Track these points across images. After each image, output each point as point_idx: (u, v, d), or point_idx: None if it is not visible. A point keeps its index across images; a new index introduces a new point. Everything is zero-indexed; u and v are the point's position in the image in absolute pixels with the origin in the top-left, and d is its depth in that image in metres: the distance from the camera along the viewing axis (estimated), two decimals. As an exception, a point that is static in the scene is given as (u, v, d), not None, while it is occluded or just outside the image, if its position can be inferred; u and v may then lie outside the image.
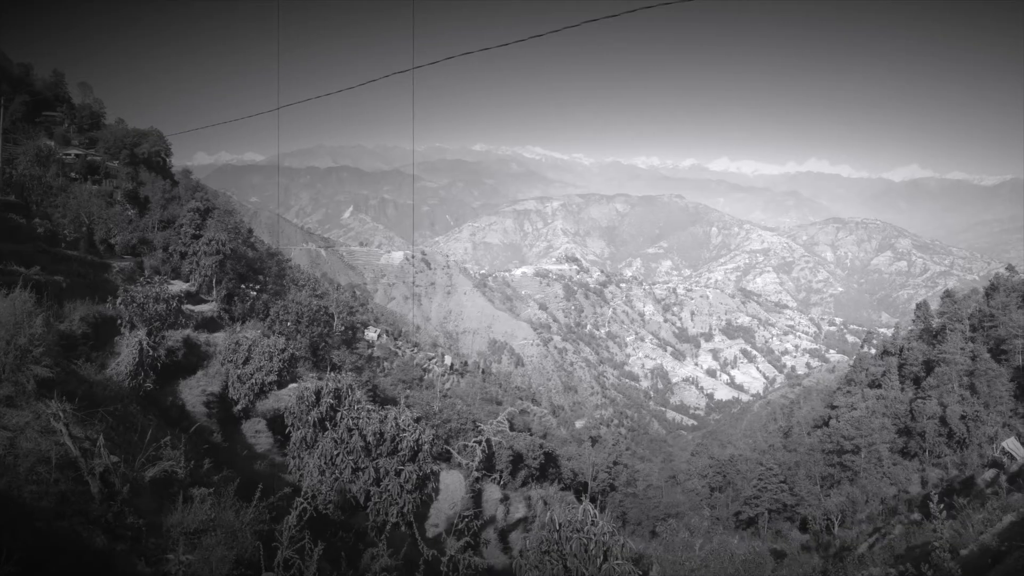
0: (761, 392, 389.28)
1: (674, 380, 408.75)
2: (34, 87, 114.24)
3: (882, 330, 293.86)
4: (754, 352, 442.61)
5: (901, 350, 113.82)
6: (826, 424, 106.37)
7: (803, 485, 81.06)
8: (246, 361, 29.95)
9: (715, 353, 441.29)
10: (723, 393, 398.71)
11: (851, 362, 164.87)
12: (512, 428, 68.45)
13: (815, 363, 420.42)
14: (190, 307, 47.30)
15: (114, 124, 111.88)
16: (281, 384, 30.55)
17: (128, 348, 23.26)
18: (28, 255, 36.49)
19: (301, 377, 34.61)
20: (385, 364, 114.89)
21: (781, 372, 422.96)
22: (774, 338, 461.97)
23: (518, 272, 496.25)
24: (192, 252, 64.43)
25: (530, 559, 13.71)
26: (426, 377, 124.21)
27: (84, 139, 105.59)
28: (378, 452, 20.08)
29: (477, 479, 33.97)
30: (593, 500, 16.16)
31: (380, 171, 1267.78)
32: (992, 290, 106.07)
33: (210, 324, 45.15)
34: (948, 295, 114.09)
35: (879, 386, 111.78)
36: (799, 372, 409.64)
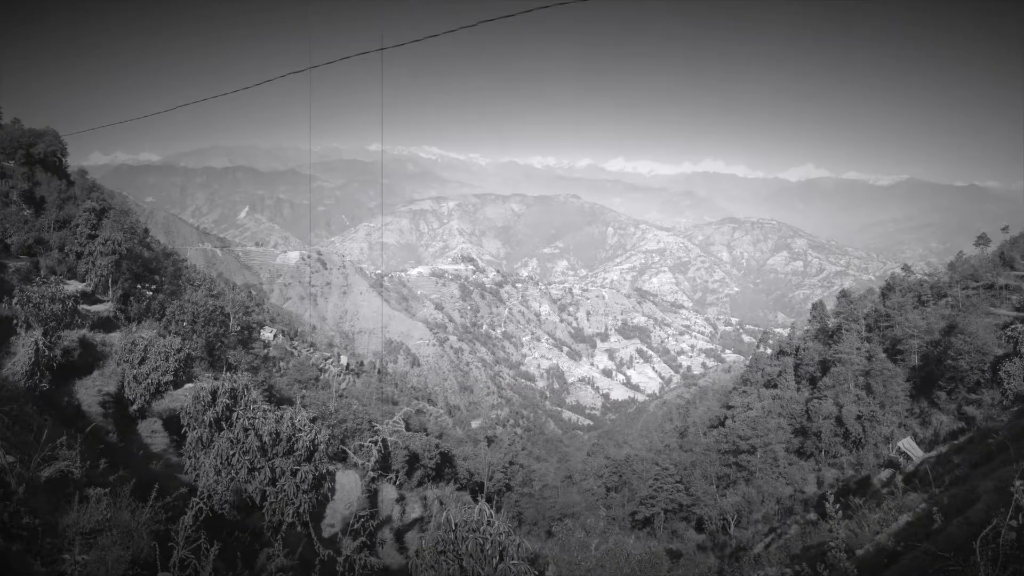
0: (657, 392, 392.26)
1: (570, 380, 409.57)
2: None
3: (778, 330, 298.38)
4: (650, 352, 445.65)
5: (797, 350, 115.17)
6: (722, 424, 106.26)
7: (699, 485, 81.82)
8: (142, 361, 29.60)
9: (611, 353, 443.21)
10: (619, 393, 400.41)
11: (747, 362, 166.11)
12: (408, 428, 68.52)
13: (711, 363, 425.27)
14: (86, 307, 46.49)
15: (10, 124, 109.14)
16: (177, 384, 30.27)
17: (24, 348, 23.03)
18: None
19: (197, 377, 34.32)
20: (281, 364, 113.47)
21: (677, 372, 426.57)
22: (670, 338, 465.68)
23: (414, 272, 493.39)
24: (88, 252, 63.37)
25: (426, 559, 13.77)
26: (322, 377, 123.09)
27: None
28: (274, 452, 20.02)
29: (373, 479, 34.03)
30: (489, 500, 16.34)
31: (276, 171, 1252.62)
32: (888, 290, 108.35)
33: (106, 324, 44.44)
34: (844, 295, 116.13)
35: (775, 386, 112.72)
36: (695, 372, 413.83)
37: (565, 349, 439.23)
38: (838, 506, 14.51)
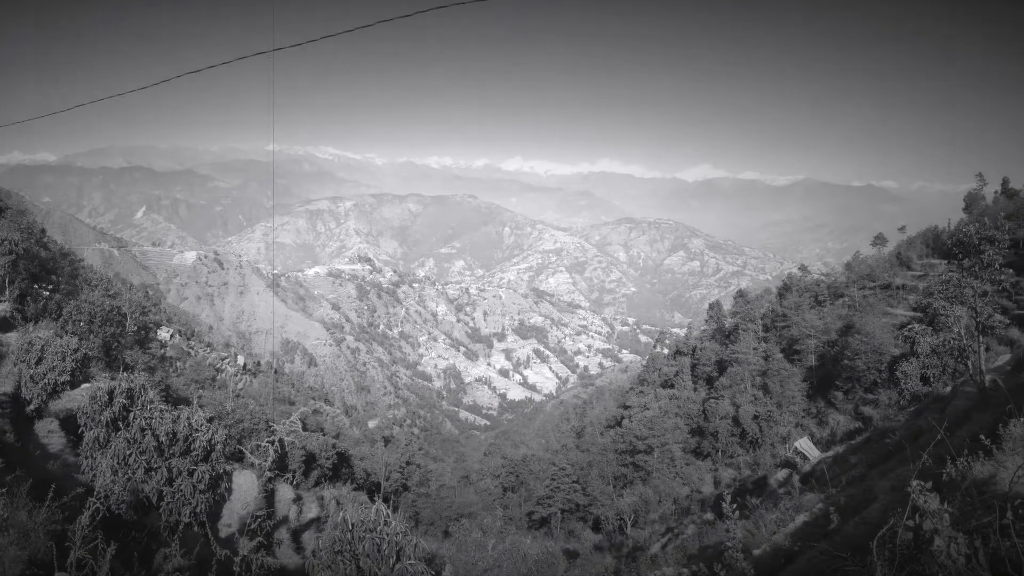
0: (554, 392, 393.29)
1: (467, 380, 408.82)
2: None
3: (675, 330, 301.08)
4: (547, 352, 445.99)
5: (694, 350, 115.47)
6: (619, 424, 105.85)
7: (596, 485, 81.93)
8: (39, 361, 29.24)
9: (508, 353, 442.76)
10: (516, 393, 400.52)
11: (644, 362, 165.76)
12: (305, 428, 68.20)
13: (608, 363, 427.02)
14: (-19, 308, 45.70)
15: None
16: (74, 384, 29.92)
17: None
18: None
19: (94, 377, 33.84)
20: (178, 364, 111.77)
21: (574, 372, 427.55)
22: (567, 338, 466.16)
23: (311, 272, 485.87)
24: (-15, 253, 62.15)
25: (323, 559, 13.69)
26: (219, 377, 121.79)
27: None
28: (171, 452, 19.89)
29: (270, 479, 33.75)
30: (386, 500, 16.40)
31: (173, 171, 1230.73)
32: (785, 290, 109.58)
33: (3, 324, 43.80)
34: (741, 295, 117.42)
35: (672, 386, 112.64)
36: (592, 372, 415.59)
37: (462, 349, 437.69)
38: (735, 506, 14.77)
